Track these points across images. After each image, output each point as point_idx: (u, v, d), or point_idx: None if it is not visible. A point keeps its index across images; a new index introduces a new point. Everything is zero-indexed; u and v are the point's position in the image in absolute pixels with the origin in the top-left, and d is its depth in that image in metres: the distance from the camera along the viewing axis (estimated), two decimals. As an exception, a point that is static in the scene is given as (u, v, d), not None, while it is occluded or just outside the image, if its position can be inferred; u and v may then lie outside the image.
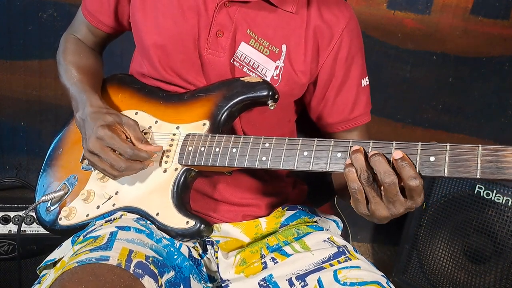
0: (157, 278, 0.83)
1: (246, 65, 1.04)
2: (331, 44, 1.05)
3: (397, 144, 0.79)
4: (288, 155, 0.87)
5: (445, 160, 0.75)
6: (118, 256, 0.82)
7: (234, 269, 1.00)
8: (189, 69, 1.05)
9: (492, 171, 0.71)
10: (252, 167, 0.90)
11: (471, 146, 0.74)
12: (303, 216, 1.12)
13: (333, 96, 1.10)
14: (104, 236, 0.90)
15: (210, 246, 1.03)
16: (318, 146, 0.85)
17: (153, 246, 0.92)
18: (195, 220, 0.93)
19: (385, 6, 2.14)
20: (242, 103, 0.99)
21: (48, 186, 1.13)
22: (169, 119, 1.04)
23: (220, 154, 0.93)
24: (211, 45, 1.03)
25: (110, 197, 1.02)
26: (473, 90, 2.24)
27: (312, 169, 0.85)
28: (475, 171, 0.72)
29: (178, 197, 0.96)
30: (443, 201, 1.88)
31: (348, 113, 1.12)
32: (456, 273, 1.82)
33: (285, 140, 0.88)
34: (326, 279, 0.89)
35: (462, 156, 0.74)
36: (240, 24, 1.03)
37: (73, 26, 1.24)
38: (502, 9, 2.13)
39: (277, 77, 1.04)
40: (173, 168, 0.98)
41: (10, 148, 2.23)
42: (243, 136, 0.93)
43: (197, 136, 0.97)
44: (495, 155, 0.72)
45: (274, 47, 1.04)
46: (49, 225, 1.09)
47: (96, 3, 1.16)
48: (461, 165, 0.73)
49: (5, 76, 2.10)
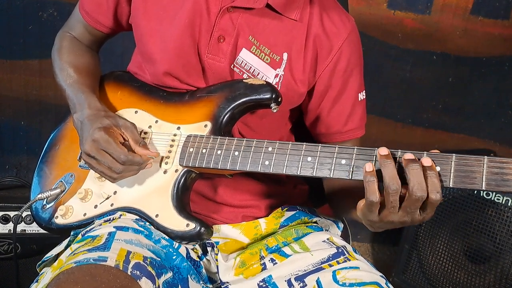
0: (154, 280, 0.83)
1: (246, 71, 1.02)
2: (330, 55, 1.04)
3: (402, 153, 0.77)
4: (292, 160, 0.86)
5: (451, 171, 0.74)
6: (116, 257, 0.82)
7: (234, 271, 0.99)
8: (190, 73, 1.04)
9: (498, 183, 0.72)
10: (254, 171, 0.89)
11: (477, 157, 0.74)
12: (302, 216, 1.11)
13: (328, 107, 1.09)
14: (102, 236, 0.89)
15: (210, 248, 1.03)
16: (322, 152, 0.84)
17: (151, 247, 0.91)
18: (195, 223, 0.92)
19: (385, 6, 2.14)
20: (244, 105, 0.98)
21: (44, 184, 1.11)
22: (169, 119, 1.03)
23: (222, 157, 0.92)
24: (211, 50, 1.02)
25: (108, 197, 1.01)
26: (473, 90, 2.24)
27: (315, 175, 0.84)
28: (480, 182, 0.72)
29: (178, 198, 0.95)
30: (443, 201, 1.88)
31: (342, 125, 1.10)
32: (456, 273, 1.82)
33: (289, 144, 0.87)
34: (325, 280, 0.89)
35: (468, 167, 0.74)
36: (243, 30, 1.02)
37: (69, 24, 1.21)
38: (502, 9, 2.12)
39: (276, 85, 1.02)
40: (173, 169, 0.97)
41: (10, 147, 2.22)
42: (246, 139, 0.92)
43: (198, 137, 0.96)
44: (500, 167, 0.72)
45: (275, 55, 1.02)
46: (44, 224, 1.08)
47: (94, 3, 1.13)
48: (466, 176, 0.74)
49: (5, 76, 2.10)
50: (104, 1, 1.11)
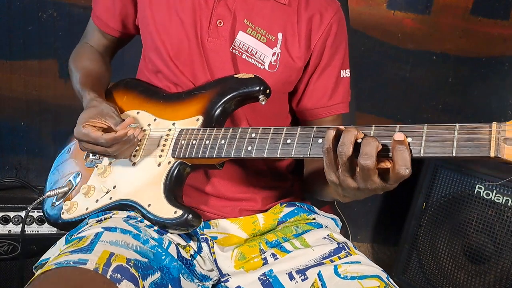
0: (137, 282, 0.83)
1: (244, 52, 1.09)
2: (321, 29, 1.11)
3: (376, 128, 0.78)
4: (272, 143, 0.88)
5: (422, 140, 0.74)
6: (97, 260, 0.82)
7: (234, 263, 1.00)
8: (194, 60, 1.10)
9: (469, 148, 0.71)
10: (238, 157, 0.92)
11: (448, 125, 0.74)
12: (301, 213, 1.12)
13: (315, 79, 1.15)
14: (89, 238, 0.90)
15: (205, 244, 1.04)
16: (301, 133, 0.86)
17: (138, 248, 0.92)
18: (183, 210, 0.95)
19: (385, 6, 2.14)
20: (234, 98, 1.02)
21: (55, 183, 1.18)
22: (166, 116, 1.08)
23: (209, 146, 0.96)
24: (212, 34, 1.08)
25: (108, 191, 1.05)
26: (473, 90, 2.24)
27: (293, 156, 0.85)
28: (451, 149, 0.72)
29: (169, 189, 0.98)
30: (443, 201, 1.88)
31: (326, 99, 1.16)
32: (456, 273, 1.82)
33: (271, 129, 0.90)
34: (326, 273, 0.90)
35: (439, 135, 0.74)
36: (238, 14, 1.09)
37: (86, 35, 1.31)
38: (502, 9, 2.13)
39: (275, 62, 1.09)
40: (166, 162, 1.00)
41: (10, 148, 2.23)
42: (232, 128, 0.95)
43: (190, 130, 1.01)
44: (471, 132, 0.72)
45: (270, 35, 1.09)
46: (53, 220, 1.14)
47: (103, 9, 1.23)
48: (438, 145, 0.73)
49: (5, 76, 2.10)
50: (111, 6, 1.21)
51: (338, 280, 0.88)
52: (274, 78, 1.08)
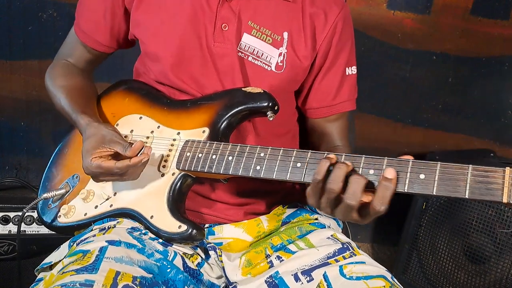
0: None
1: (250, 54, 1.07)
2: (326, 28, 1.09)
3: (389, 161, 0.78)
4: (282, 165, 0.87)
5: (435, 179, 0.74)
6: (103, 281, 0.81)
7: (241, 270, 1.00)
8: (200, 67, 1.07)
9: (481, 192, 0.71)
10: (246, 175, 0.91)
11: (462, 166, 0.74)
12: (304, 213, 1.12)
13: (320, 79, 1.14)
14: (93, 252, 0.89)
15: (213, 251, 1.04)
16: (311, 158, 0.85)
17: (143, 262, 0.91)
18: (187, 225, 0.94)
19: (385, 6, 2.14)
20: (242, 112, 1.00)
21: (51, 185, 1.15)
22: (171, 124, 1.05)
23: (216, 161, 0.94)
24: (217, 38, 1.06)
25: (108, 198, 1.03)
26: (473, 90, 2.24)
27: (304, 181, 0.85)
28: (464, 191, 0.72)
29: (173, 201, 0.97)
30: (443, 201, 1.88)
31: (332, 98, 1.15)
32: (456, 273, 1.82)
33: (280, 150, 0.89)
34: (332, 274, 0.90)
35: (451, 175, 0.74)
36: (243, 15, 1.07)
37: (65, 50, 1.23)
38: (502, 9, 2.13)
39: (281, 63, 1.07)
40: (170, 173, 0.99)
41: (10, 148, 2.22)
42: (240, 144, 0.94)
43: (195, 142, 0.99)
44: (485, 176, 0.72)
45: (276, 35, 1.07)
46: (48, 223, 1.11)
47: (92, 22, 1.15)
48: (450, 184, 0.73)
49: (5, 76, 2.10)
50: (101, 20, 1.14)
51: (344, 281, 0.88)
52: (281, 78, 1.08)
